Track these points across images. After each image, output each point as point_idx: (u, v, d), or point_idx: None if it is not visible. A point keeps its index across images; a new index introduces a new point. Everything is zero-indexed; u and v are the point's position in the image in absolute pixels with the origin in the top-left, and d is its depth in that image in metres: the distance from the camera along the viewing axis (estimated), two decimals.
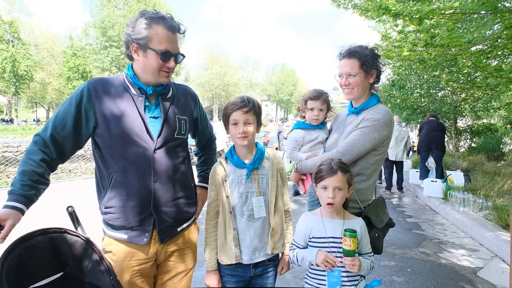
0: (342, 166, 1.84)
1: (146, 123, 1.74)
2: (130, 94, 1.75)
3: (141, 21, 1.67)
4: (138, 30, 1.67)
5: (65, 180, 10.05)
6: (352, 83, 2.09)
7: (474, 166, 9.76)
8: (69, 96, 1.79)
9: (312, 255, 1.81)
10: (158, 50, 1.68)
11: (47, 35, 47.98)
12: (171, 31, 1.71)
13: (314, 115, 2.32)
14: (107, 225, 1.79)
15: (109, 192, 1.73)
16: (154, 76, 1.75)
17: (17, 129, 33.38)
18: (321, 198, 1.87)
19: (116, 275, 1.74)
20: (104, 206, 1.75)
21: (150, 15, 1.69)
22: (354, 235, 1.73)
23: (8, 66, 38.41)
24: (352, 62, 2.07)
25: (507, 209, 5.29)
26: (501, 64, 7.33)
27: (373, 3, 6.09)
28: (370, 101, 2.13)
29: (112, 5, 42.95)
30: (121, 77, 1.81)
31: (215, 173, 1.96)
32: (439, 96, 12.64)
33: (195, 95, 2.08)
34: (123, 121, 1.71)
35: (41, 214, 5.06)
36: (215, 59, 56.30)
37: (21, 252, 1.47)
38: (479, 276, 3.91)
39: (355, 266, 1.74)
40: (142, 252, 1.78)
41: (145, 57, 1.71)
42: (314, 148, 2.32)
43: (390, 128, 2.07)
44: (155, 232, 1.79)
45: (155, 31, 1.67)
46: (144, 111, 1.75)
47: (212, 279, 1.95)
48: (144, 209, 1.75)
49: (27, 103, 51.49)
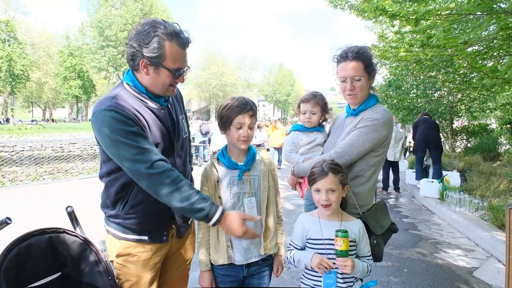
0: (333, 167, 1.81)
1: (171, 133, 1.78)
2: (150, 108, 1.71)
3: (155, 39, 1.57)
4: (152, 48, 1.58)
5: (62, 180, 10.03)
6: (357, 88, 2.00)
7: (470, 166, 9.80)
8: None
9: (307, 258, 1.81)
10: (171, 69, 1.64)
11: (44, 34, 47.82)
12: (183, 48, 1.67)
13: (306, 118, 2.28)
14: (126, 229, 1.77)
15: (133, 199, 1.72)
16: (162, 91, 1.72)
17: (13, 128, 33.15)
18: (315, 201, 1.86)
19: (132, 276, 1.77)
20: (125, 212, 1.73)
21: (163, 30, 1.58)
22: (345, 235, 1.71)
23: (4, 66, 38.21)
24: (357, 65, 1.97)
25: (503, 209, 5.32)
26: (497, 65, 7.38)
27: (370, 4, 6.12)
28: (369, 102, 2.07)
29: (109, 4, 42.72)
30: (126, 93, 1.68)
31: (208, 174, 1.97)
32: (436, 97, 12.70)
33: (181, 93, 2.10)
34: (154, 136, 1.70)
35: (39, 214, 5.06)
36: (212, 59, 56.19)
37: (20, 252, 1.47)
38: (475, 276, 3.94)
39: (347, 267, 1.72)
40: (161, 250, 1.84)
41: (157, 74, 1.64)
42: (312, 151, 2.28)
43: (390, 128, 2.00)
44: (173, 229, 1.86)
45: (170, 49, 1.60)
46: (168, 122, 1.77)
47: (206, 279, 1.96)
48: (167, 211, 1.78)
49: (24, 102, 51.31)
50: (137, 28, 1.62)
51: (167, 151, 1.74)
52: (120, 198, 1.75)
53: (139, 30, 1.60)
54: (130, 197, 1.73)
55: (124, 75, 1.75)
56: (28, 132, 22.34)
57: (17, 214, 1.55)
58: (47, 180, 10.64)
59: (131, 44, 1.61)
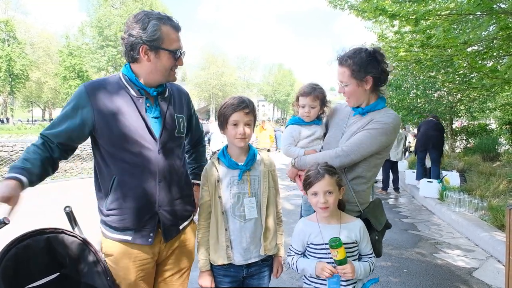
0: (329, 169, 1.81)
1: (149, 124, 1.74)
2: (129, 95, 1.74)
3: (151, 23, 1.66)
4: (150, 32, 1.66)
5: (61, 180, 10.00)
6: (346, 92, 2.04)
7: (469, 166, 9.80)
8: (68, 99, 1.78)
9: (312, 267, 1.80)
10: (171, 50, 1.71)
11: (43, 34, 47.81)
12: (177, 30, 1.76)
13: (305, 112, 2.22)
14: (109, 227, 1.76)
15: (112, 194, 1.72)
16: (164, 76, 1.77)
17: (12, 128, 33.20)
18: (313, 205, 1.85)
19: (120, 277, 1.74)
20: (107, 208, 1.74)
21: (157, 15, 1.69)
22: (338, 245, 1.70)
23: (4, 65, 38.21)
24: (343, 71, 2.00)
25: (503, 209, 5.32)
26: (497, 65, 7.38)
27: (370, 4, 6.11)
28: (378, 104, 2.05)
29: (108, 4, 42.79)
30: (116, 78, 1.79)
31: (208, 174, 1.96)
32: (435, 97, 12.69)
33: (187, 93, 2.11)
34: (125, 123, 1.70)
35: (37, 214, 5.04)
36: (212, 59, 56.18)
37: (18, 252, 1.47)
38: (475, 277, 3.94)
39: (347, 274, 1.73)
40: (146, 252, 1.79)
41: (157, 58, 1.71)
42: (311, 144, 2.23)
43: (397, 133, 2.03)
44: (159, 232, 1.80)
45: (166, 31, 1.69)
46: (145, 112, 1.75)
47: (206, 279, 1.95)
48: (149, 209, 1.75)
49: (23, 102, 51.26)
50: (131, 19, 1.70)
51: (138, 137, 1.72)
52: (103, 192, 1.77)
53: (134, 20, 1.68)
54: (110, 192, 1.73)
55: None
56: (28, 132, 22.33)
57: (16, 214, 1.54)
58: (46, 180, 10.58)
59: (130, 33, 1.67)
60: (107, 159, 1.74)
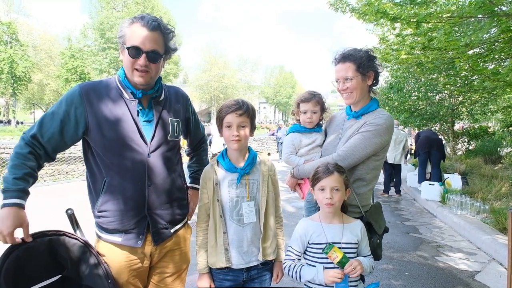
0: (338, 168, 1.85)
1: (140, 128, 1.74)
2: (123, 98, 1.75)
3: (124, 22, 1.72)
4: (120, 30, 1.72)
5: (62, 182, 10.02)
6: (350, 87, 2.06)
7: (471, 169, 9.77)
8: (60, 98, 1.78)
9: (320, 276, 1.76)
10: (127, 47, 1.68)
11: (45, 36, 47.88)
12: (148, 29, 1.68)
13: (307, 117, 2.25)
14: (101, 228, 1.79)
15: (103, 196, 1.73)
16: (130, 76, 1.75)
17: (14, 130, 33.24)
18: (319, 201, 1.86)
19: (115, 279, 1.74)
20: (98, 210, 1.75)
21: (135, 16, 1.72)
22: (330, 246, 1.72)
23: (6, 67, 38.24)
24: (347, 66, 2.05)
25: (505, 212, 5.31)
26: (498, 67, 7.36)
27: (371, 7, 6.11)
28: (371, 106, 2.10)
29: (110, 7, 42.89)
30: (113, 80, 1.81)
31: (207, 176, 1.96)
32: (437, 99, 12.70)
33: (187, 96, 2.09)
34: (116, 126, 1.71)
35: (39, 216, 5.03)
36: (213, 61, 56.18)
37: (20, 255, 1.47)
38: (477, 280, 3.92)
39: (356, 268, 1.72)
40: (136, 254, 1.79)
41: (123, 55, 1.74)
42: (311, 152, 2.26)
43: (391, 133, 2.06)
44: (149, 234, 1.80)
45: (132, 29, 1.69)
46: (138, 115, 1.75)
47: (204, 281, 1.95)
48: (138, 212, 1.75)
49: (25, 104, 51.29)
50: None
51: (129, 140, 1.72)
52: (94, 194, 1.78)
53: None
54: (101, 194, 1.74)
55: None
56: None
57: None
58: (47, 182, 10.64)
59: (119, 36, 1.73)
60: (98, 161, 1.75)
